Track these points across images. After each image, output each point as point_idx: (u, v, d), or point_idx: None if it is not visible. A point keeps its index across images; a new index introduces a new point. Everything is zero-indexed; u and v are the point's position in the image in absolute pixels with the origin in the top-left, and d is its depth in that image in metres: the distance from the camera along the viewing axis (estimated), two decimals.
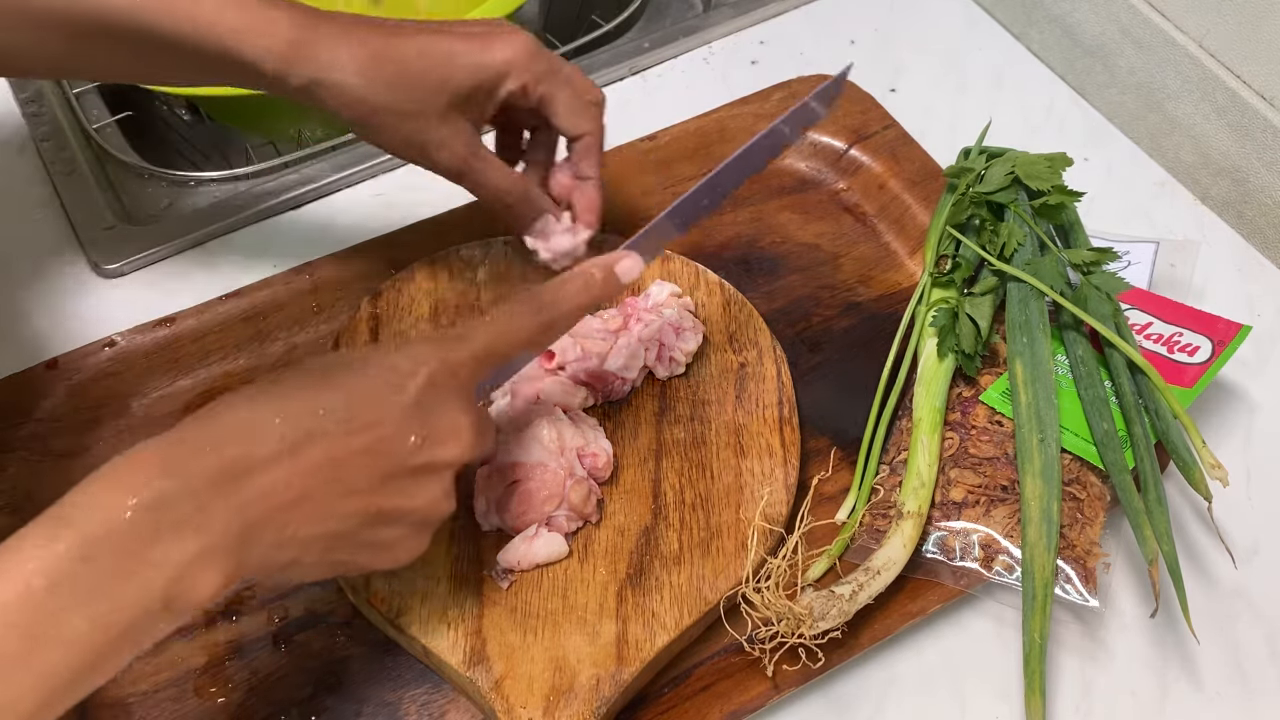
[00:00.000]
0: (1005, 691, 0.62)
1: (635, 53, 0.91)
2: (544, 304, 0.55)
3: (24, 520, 0.66)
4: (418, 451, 0.49)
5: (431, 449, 0.49)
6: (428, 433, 0.49)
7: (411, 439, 0.49)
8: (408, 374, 0.49)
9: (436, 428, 0.50)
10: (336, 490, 0.47)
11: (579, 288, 0.56)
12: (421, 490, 0.50)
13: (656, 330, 0.68)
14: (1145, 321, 0.70)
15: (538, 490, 0.61)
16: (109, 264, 0.77)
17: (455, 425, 0.50)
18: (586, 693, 0.57)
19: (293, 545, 0.46)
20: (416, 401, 0.49)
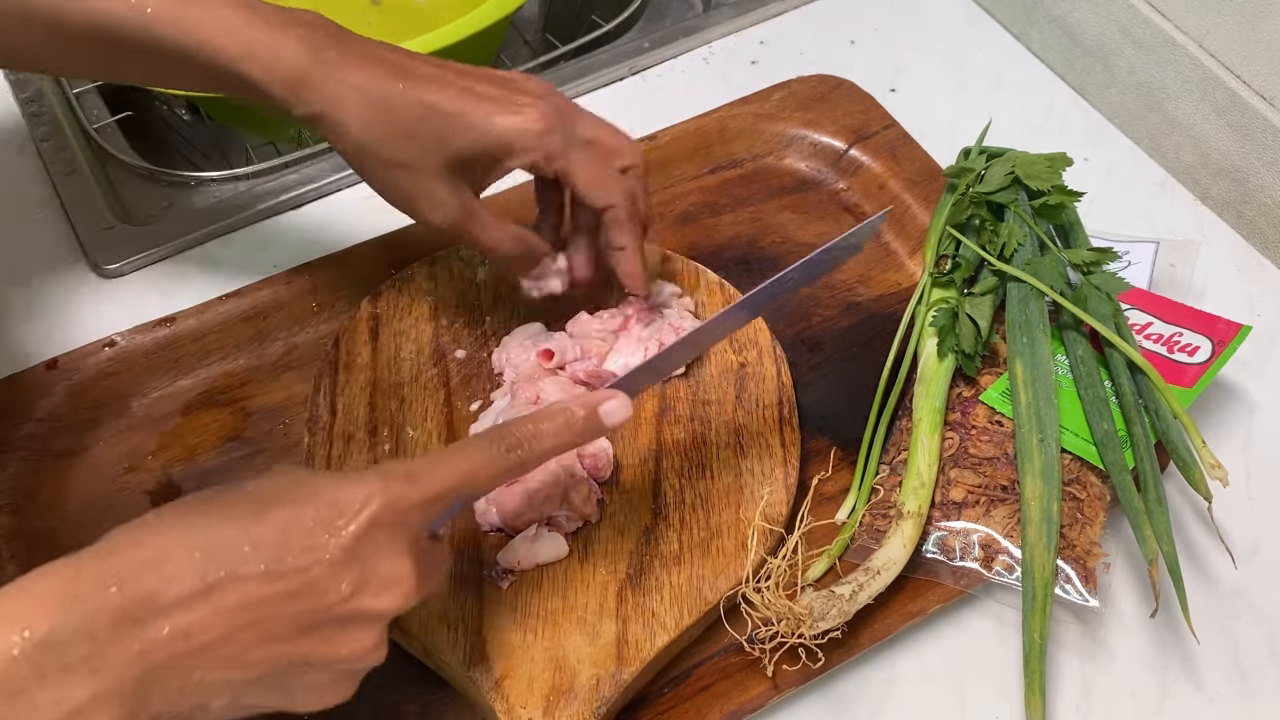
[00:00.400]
0: (1005, 691, 0.62)
1: (635, 53, 0.91)
2: (516, 443, 0.50)
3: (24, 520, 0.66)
4: (348, 600, 0.45)
5: (363, 598, 0.45)
6: (362, 580, 0.45)
7: (343, 586, 0.44)
8: (349, 513, 0.45)
9: (372, 575, 0.45)
10: (252, 636, 0.43)
11: (558, 428, 0.51)
12: (349, 639, 0.45)
13: (657, 330, 0.68)
14: (1145, 321, 0.70)
15: (537, 491, 0.61)
16: (109, 264, 0.77)
17: (394, 573, 0.46)
18: (586, 693, 0.57)
19: (199, 691, 0.43)
20: (353, 545, 0.45)
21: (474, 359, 0.70)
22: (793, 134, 0.84)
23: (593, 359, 0.67)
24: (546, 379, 0.66)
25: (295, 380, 0.71)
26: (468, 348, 0.70)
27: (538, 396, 0.65)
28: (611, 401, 0.52)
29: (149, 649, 0.41)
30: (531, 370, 0.67)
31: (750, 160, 0.84)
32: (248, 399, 0.70)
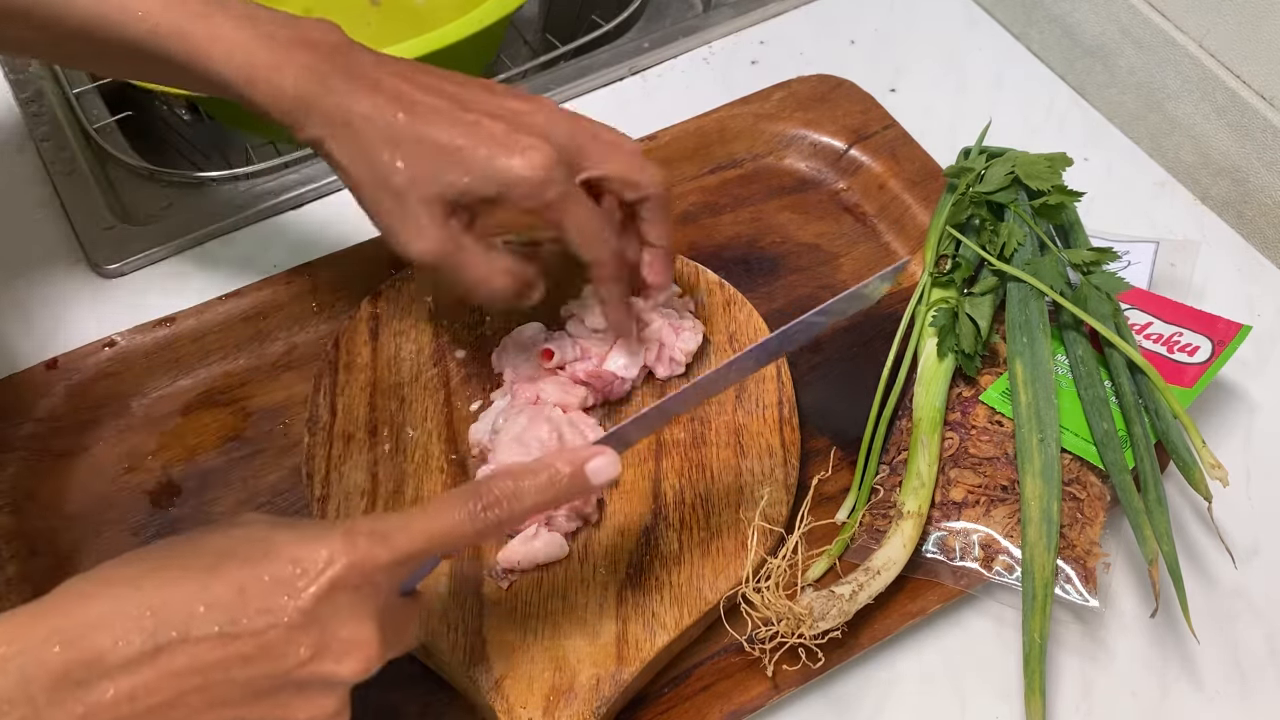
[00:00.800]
0: (1005, 691, 0.62)
1: (635, 53, 0.91)
2: (494, 501, 0.47)
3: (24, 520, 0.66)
4: (306, 664, 0.43)
5: (322, 663, 0.43)
6: (322, 644, 0.43)
7: (301, 650, 0.42)
8: (310, 574, 0.43)
9: (333, 639, 0.43)
10: (202, 700, 0.41)
11: (540, 486, 0.48)
12: (307, 705, 0.44)
13: (657, 330, 0.68)
14: (1145, 321, 0.70)
15: None
16: (109, 264, 0.77)
17: (356, 638, 0.44)
18: (586, 693, 0.57)
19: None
20: (313, 608, 0.43)
21: (474, 359, 0.70)
22: (793, 134, 0.84)
23: (592, 359, 0.67)
24: (546, 379, 0.66)
25: (295, 380, 0.71)
26: (468, 348, 0.70)
27: (537, 397, 0.65)
28: (599, 459, 0.50)
29: (91, 712, 0.40)
30: (532, 371, 0.67)
31: (750, 160, 0.84)
32: (248, 399, 0.70)
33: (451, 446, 0.66)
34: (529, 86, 0.88)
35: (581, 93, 0.89)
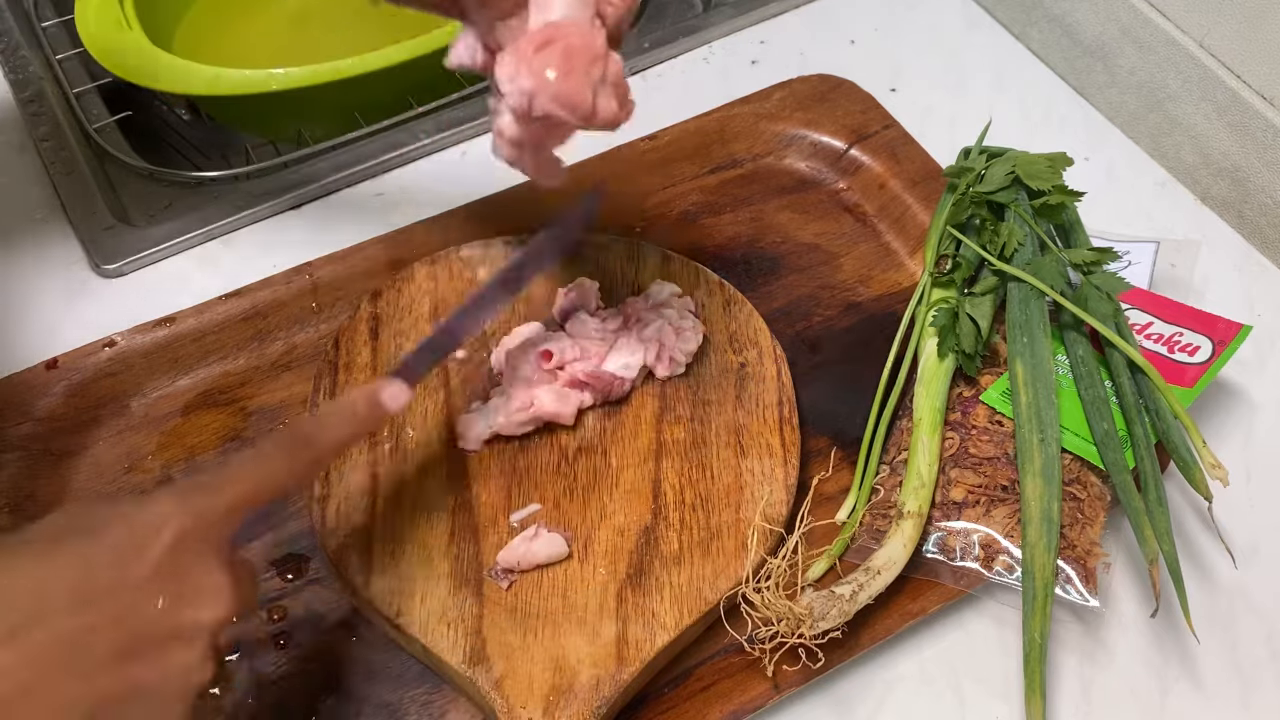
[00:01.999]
0: (1005, 691, 0.62)
1: (635, 53, 0.91)
2: (301, 442, 0.51)
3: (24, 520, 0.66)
4: (165, 617, 0.44)
5: (182, 612, 0.44)
6: (177, 596, 0.44)
7: (159, 603, 0.44)
8: (149, 535, 0.44)
9: (186, 588, 0.45)
10: (69, 674, 0.42)
11: (340, 421, 0.53)
12: (172, 659, 0.44)
13: (656, 330, 0.68)
14: (1145, 321, 0.70)
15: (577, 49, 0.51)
16: (109, 264, 0.77)
17: (210, 584, 0.45)
18: (586, 693, 0.57)
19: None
20: (162, 561, 0.44)
21: (474, 359, 0.70)
22: (793, 134, 0.84)
23: (593, 359, 0.67)
24: (542, 386, 0.66)
25: (295, 380, 0.71)
26: (468, 348, 0.70)
27: (531, 402, 0.65)
28: (390, 388, 0.55)
29: None
30: (530, 372, 0.67)
31: (750, 160, 0.84)
32: (248, 399, 0.70)
33: (451, 446, 0.66)
34: None
35: None
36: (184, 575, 0.45)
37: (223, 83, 0.86)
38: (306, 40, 1.04)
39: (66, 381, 0.69)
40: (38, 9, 0.95)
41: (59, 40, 0.92)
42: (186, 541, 0.45)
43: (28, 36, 0.92)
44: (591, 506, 0.64)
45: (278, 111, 0.93)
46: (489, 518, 0.64)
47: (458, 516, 0.63)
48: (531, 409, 0.65)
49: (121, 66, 0.86)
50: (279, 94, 0.87)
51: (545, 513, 0.64)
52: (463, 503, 0.64)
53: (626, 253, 0.74)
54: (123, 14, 0.89)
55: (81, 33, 0.88)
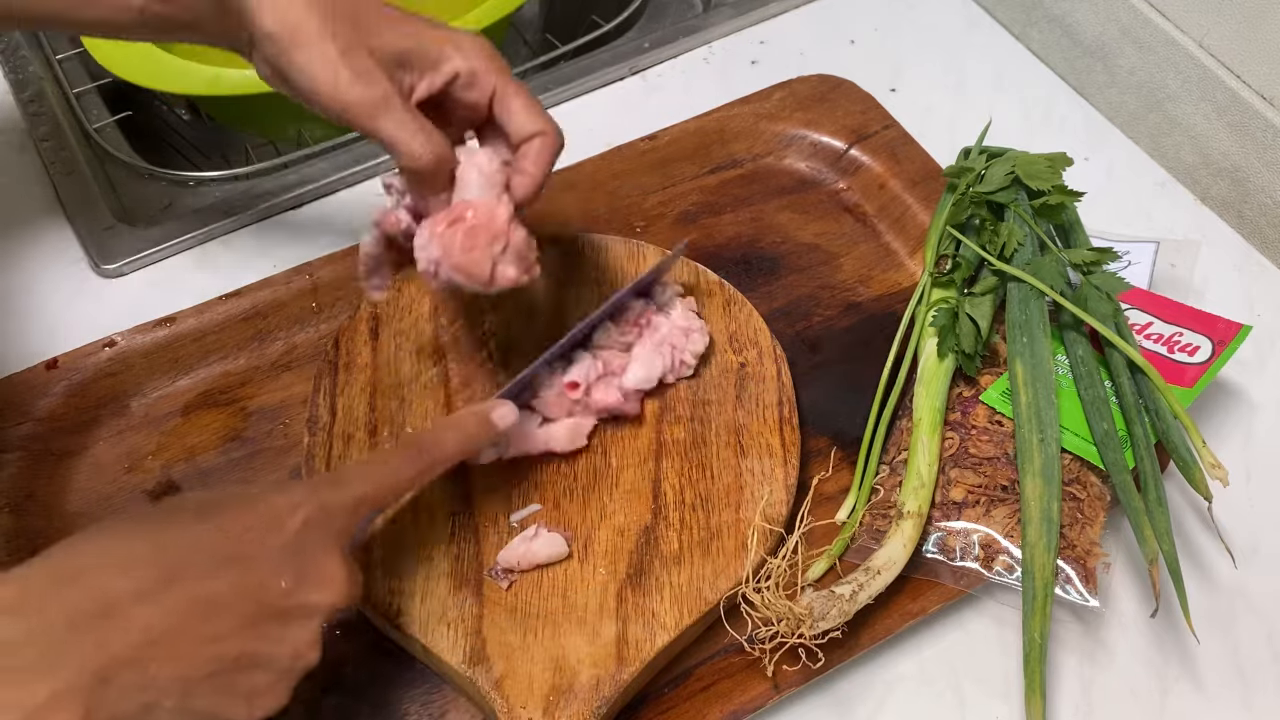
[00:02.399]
0: (1005, 691, 0.62)
1: (635, 53, 0.91)
2: (422, 450, 0.55)
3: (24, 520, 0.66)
4: (289, 595, 0.47)
5: (303, 593, 0.48)
6: (301, 577, 0.48)
7: (283, 583, 0.47)
8: (285, 515, 0.48)
9: (309, 572, 0.48)
10: (203, 631, 0.45)
11: (457, 435, 0.57)
12: (289, 636, 0.47)
13: (667, 334, 0.68)
14: (1145, 321, 0.70)
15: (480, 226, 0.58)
16: (109, 264, 0.77)
17: (329, 571, 0.49)
18: (586, 693, 0.57)
19: (152, 688, 0.43)
20: (291, 544, 0.48)
21: (474, 359, 0.70)
22: (793, 134, 0.84)
23: (614, 378, 0.66)
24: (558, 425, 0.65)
25: (295, 380, 0.71)
26: (468, 348, 0.70)
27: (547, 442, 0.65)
28: (501, 409, 0.59)
29: (105, 641, 0.42)
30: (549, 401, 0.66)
31: (750, 160, 0.84)
32: (248, 399, 0.70)
33: None
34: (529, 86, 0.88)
35: (581, 93, 0.89)
36: (308, 559, 0.48)
37: (223, 83, 0.86)
38: None
39: (66, 381, 0.69)
40: None
41: (59, 40, 0.92)
42: (313, 528, 0.49)
43: (28, 36, 0.92)
44: (591, 506, 0.64)
45: (278, 111, 0.93)
46: (489, 518, 0.64)
47: (458, 516, 0.63)
48: (546, 445, 0.65)
49: (121, 66, 0.86)
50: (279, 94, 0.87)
51: (545, 513, 0.64)
52: (463, 503, 0.64)
53: (626, 253, 0.74)
54: None
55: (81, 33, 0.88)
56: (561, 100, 0.88)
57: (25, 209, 0.81)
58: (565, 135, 0.62)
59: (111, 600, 0.43)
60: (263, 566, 0.47)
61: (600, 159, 0.81)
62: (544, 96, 0.87)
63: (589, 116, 0.87)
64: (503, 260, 0.59)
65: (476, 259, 0.59)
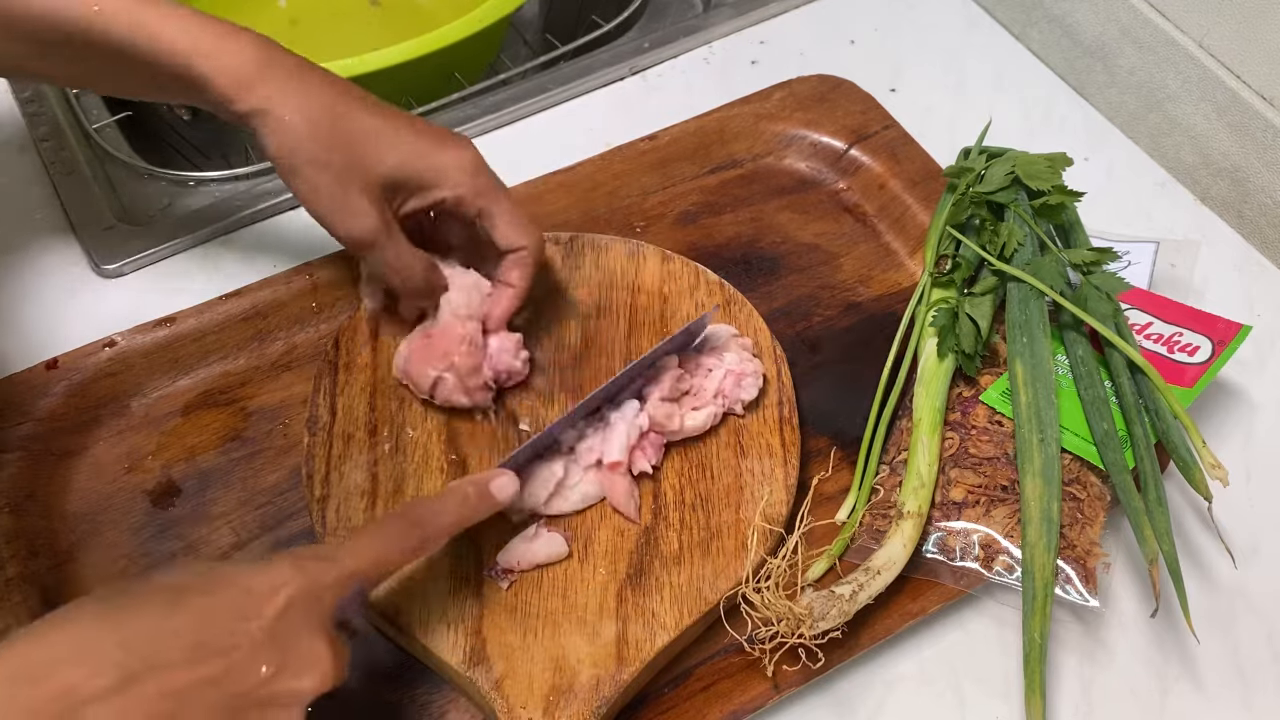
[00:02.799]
0: (1005, 691, 0.62)
1: (635, 53, 0.91)
2: (416, 523, 0.53)
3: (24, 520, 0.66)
4: (269, 682, 0.45)
5: (284, 680, 0.45)
6: (282, 662, 0.45)
7: (263, 669, 0.45)
8: (265, 597, 0.46)
9: (292, 657, 0.46)
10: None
11: (453, 506, 0.55)
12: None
13: (718, 379, 0.66)
14: (1145, 321, 0.70)
15: (436, 344, 0.65)
16: (109, 264, 0.77)
17: (313, 654, 0.46)
18: (586, 693, 0.57)
19: None
20: (271, 628, 0.45)
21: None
22: (793, 134, 0.84)
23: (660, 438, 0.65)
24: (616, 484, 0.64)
25: (295, 380, 0.71)
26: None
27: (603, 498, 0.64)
28: (500, 480, 0.57)
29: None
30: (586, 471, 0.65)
31: (750, 160, 0.84)
32: (248, 399, 0.70)
33: (451, 446, 0.66)
34: (529, 86, 0.88)
35: (581, 93, 0.89)
36: (291, 642, 0.46)
37: None
38: (306, 41, 1.04)
39: (66, 381, 0.69)
40: None
41: None
42: (296, 609, 0.46)
43: None
44: (591, 507, 0.64)
45: None
46: (489, 518, 0.63)
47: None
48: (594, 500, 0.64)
49: None
50: None
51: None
52: None
53: (626, 253, 0.74)
54: None
55: None
56: (561, 100, 0.88)
57: (25, 209, 0.81)
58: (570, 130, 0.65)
59: (73, 698, 0.41)
60: (239, 654, 0.44)
61: (600, 159, 0.81)
62: (544, 97, 0.87)
63: (589, 116, 0.87)
64: (444, 380, 0.65)
65: (420, 371, 0.65)
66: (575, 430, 0.64)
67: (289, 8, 1.06)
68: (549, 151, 0.82)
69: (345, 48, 0.88)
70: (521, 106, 0.87)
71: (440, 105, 0.88)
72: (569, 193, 0.79)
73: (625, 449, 0.63)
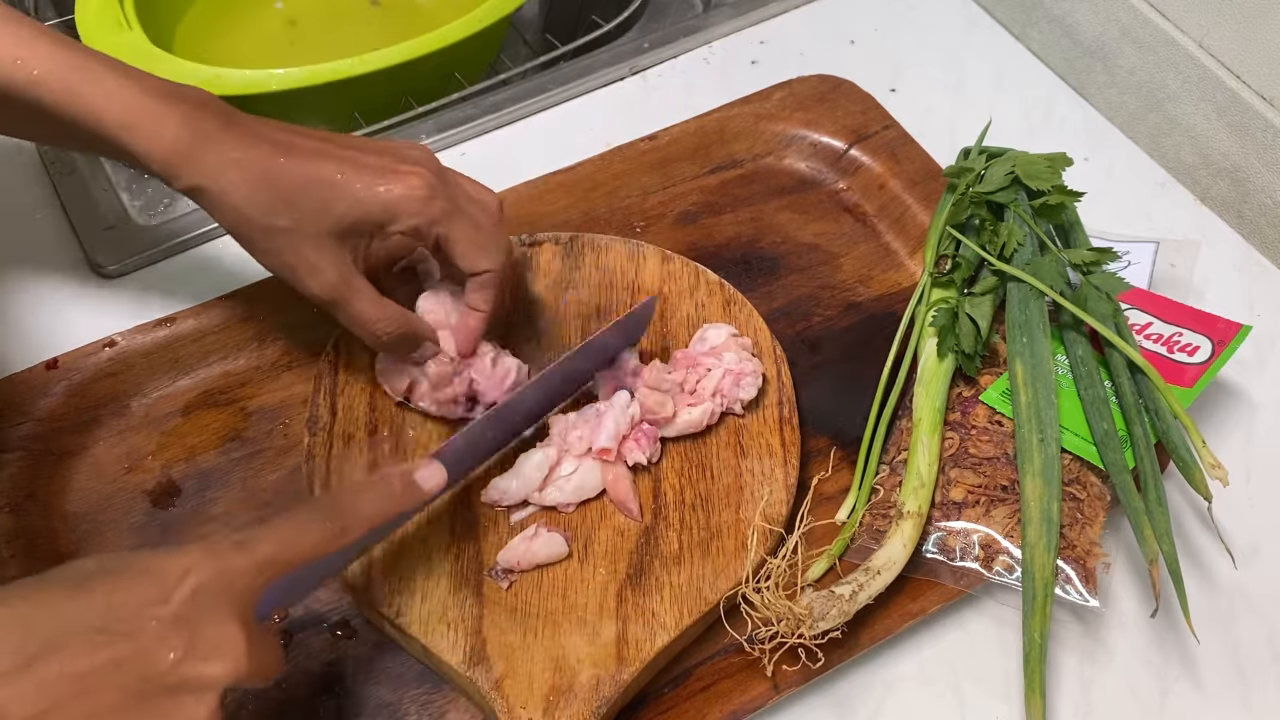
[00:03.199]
0: (1005, 691, 0.62)
1: (635, 53, 0.91)
2: (336, 512, 0.51)
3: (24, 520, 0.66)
4: (177, 667, 0.43)
5: (193, 664, 0.44)
6: (190, 645, 0.44)
7: (170, 652, 0.43)
8: (173, 581, 0.44)
9: (201, 641, 0.44)
10: (78, 709, 0.42)
11: (377, 496, 0.54)
12: (180, 711, 0.44)
13: (718, 380, 0.66)
14: (1145, 321, 0.70)
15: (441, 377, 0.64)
16: (109, 264, 0.77)
17: (224, 639, 0.45)
18: (586, 693, 0.57)
19: None
20: (179, 612, 0.44)
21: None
22: (793, 134, 0.84)
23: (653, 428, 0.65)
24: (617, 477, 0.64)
25: (295, 380, 0.71)
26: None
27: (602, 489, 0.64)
28: (426, 469, 0.56)
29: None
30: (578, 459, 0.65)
31: (750, 160, 0.84)
32: (248, 399, 0.70)
33: None
34: (529, 86, 0.88)
35: (581, 93, 0.89)
36: (200, 627, 0.44)
37: (223, 83, 0.86)
38: (306, 41, 1.04)
39: (66, 381, 0.69)
40: (38, 9, 0.95)
41: None
42: (206, 594, 0.45)
43: None
44: (591, 506, 0.64)
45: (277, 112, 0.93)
46: (489, 518, 0.64)
47: (458, 516, 0.63)
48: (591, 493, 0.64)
49: None
50: (279, 94, 0.87)
51: (545, 513, 0.64)
52: (463, 503, 0.64)
53: (626, 253, 0.74)
54: (123, 14, 0.89)
55: (81, 33, 0.88)
56: (561, 100, 0.88)
57: (25, 209, 0.81)
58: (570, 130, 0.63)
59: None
60: (145, 637, 0.43)
61: (600, 159, 0.81)
62: (544, 97, 0.87)
63: (589, 116, 0.87)
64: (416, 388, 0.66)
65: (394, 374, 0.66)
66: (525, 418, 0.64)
67: (286, 8, 1.06)
68: (549, 151, 0.82)
69: (345, 48, 0.88)
70: (521, 106, 0.87)
71: (440, 106, 0.88)
72: (569, 193, 0.79)
73: (614, 437, 0.63)
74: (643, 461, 0.64)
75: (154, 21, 0.92)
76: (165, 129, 0.57)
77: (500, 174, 0.80)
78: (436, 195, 0.60)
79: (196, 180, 0.58)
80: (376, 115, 0.87)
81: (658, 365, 0.66)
